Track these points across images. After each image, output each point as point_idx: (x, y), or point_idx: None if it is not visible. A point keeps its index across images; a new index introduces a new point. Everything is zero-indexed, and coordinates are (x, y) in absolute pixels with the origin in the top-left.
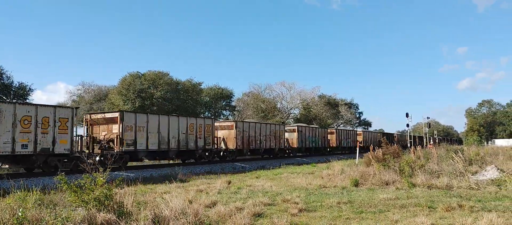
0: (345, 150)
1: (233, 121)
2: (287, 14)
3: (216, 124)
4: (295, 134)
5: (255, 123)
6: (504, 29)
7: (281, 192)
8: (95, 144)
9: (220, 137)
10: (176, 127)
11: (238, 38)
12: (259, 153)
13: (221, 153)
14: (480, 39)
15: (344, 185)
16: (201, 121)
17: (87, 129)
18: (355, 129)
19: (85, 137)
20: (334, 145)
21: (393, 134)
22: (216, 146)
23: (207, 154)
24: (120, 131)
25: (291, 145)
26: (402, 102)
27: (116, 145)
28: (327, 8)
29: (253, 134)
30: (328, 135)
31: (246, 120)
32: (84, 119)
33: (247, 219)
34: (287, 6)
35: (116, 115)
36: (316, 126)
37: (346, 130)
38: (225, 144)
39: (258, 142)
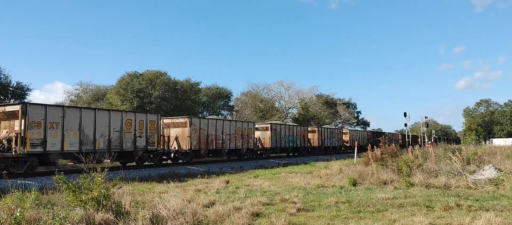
0: (329, 150)
1: (187, 117)
2: (285, 14)
3: (167, 120)
4: (268, 132)
5: (216, 119)
6: (501, 29)
7: (279, 192)
8: None
9: (172, 136)
10: (106, 124)
11: (236, 38)
12: (222, 154)
13: (172, 154)
14: (477, 38)
15: (342, 185)
16: (142, 117)
17: None
18: (340, 127)
19: None
20: (316, 145)
21: (384, 133)
22: (162, 146)
23: (152, 156)
24: (22, 128)
25: (263, 144)
26: (400, 102)
27: (16, 146)
28: (325, 8)
29: (213, 132)
30: (309, 134)
31: (205, 117)
32: None
33: (246, 218)
34: (285, 5)
35: (17, 108)
36: (295, 124)
37: (330, 128)
38: (179, 144)
39: (220, 141)
